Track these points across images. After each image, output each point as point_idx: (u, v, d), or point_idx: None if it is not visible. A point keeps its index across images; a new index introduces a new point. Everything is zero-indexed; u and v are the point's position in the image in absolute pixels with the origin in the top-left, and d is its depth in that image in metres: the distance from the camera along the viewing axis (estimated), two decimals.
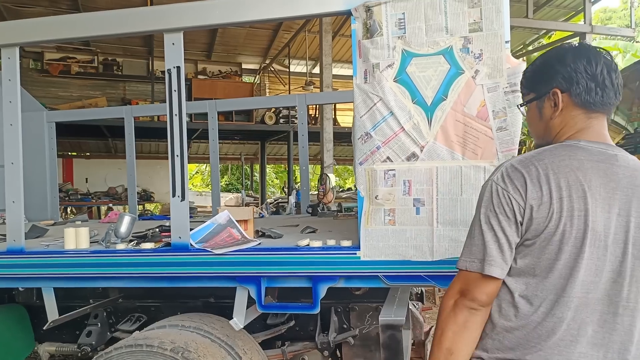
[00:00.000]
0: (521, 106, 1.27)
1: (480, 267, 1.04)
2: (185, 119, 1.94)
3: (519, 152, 1.59)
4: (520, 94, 1.68)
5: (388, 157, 1.77)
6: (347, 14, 1.82)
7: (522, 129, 1.72)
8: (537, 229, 1.01)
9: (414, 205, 1.73)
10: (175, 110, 1.92)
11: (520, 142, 1.76)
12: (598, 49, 1.13)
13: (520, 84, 1.29)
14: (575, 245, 0.99)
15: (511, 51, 1.73)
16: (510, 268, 1.06)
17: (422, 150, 1.74)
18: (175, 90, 1.92)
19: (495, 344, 1.08)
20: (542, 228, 1.01)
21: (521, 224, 1.02)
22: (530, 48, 11.74)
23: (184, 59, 1.95)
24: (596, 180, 1.01)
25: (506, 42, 1.68)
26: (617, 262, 1.01)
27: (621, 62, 11.73)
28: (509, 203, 1.02)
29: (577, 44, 1.16)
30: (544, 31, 11.00)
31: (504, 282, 1.07)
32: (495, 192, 1.05)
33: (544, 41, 11.75)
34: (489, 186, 1.07)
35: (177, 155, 1.93)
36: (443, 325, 1.07)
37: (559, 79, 1.11)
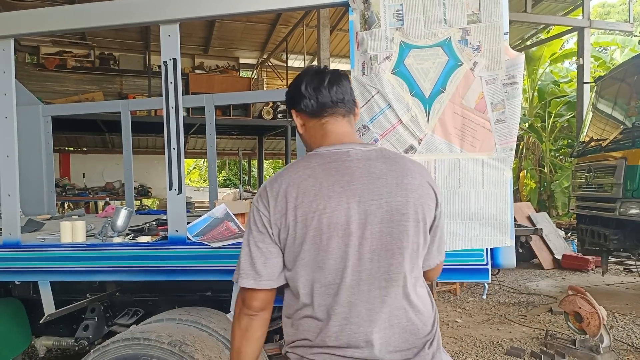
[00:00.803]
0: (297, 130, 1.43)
1: (238, 279, 1.20)
2: (181, 111, 1.93)
3: (517, 147, 1.58)
4: (518, 86, 1.68)
5: None
6: (345, 5, 1.81)
7: (520, 123, 1.71)
8: (283, 237, 1.17)
9: None
10: (172, 103, 1.91)
11: (518, 137, 1.75)
12: (315, 69, 1.32)
13: None
14: (315, 242, 1.14)
15: (510, 46, 1.72)
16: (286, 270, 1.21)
17: (420, 143, 1.73)
18: (171, 83, 1.90)
19: (288, 335, 1.25)
20: (285, 236, 1.16)
21: (273, 235, 1.18)
22: (528, 43, 11.71)
23: (181, 52, 1.94)
24: (327, 180, 1.16)
25: (505, 33, 1.67)
26: (367, 243, 1.14)
27: (619, 57, 11.74)
28: (260, 219, 1.19)
29: (304, 70, 1.36)
30: (543, 26, 10.99)
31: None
32: (253, 211, 1.21)
33: (543, 36, 11.73)
34: (251, 206, 1.23)
35: (174, 148, 1.92)
36: (233, 329, 1.24)
37: (289, 101, 1.35)
